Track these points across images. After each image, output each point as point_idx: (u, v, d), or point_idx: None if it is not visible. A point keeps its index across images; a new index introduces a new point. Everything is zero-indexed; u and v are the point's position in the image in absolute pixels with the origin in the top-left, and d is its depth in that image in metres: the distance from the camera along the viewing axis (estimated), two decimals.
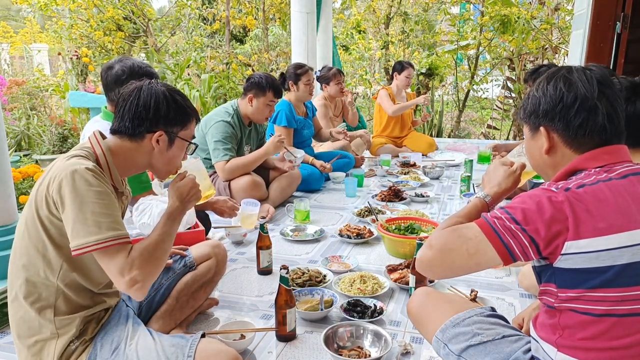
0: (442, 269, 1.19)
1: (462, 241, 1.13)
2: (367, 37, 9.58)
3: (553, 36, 7.77)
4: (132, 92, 1.42)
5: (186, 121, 1.48)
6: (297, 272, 2.25)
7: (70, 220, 1.24)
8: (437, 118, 7.43)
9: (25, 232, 1.32)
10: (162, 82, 1.50)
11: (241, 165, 3.19)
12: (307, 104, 4.07)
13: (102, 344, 1.36)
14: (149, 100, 1.40)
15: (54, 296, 1.32)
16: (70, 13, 8.47)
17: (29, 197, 1.34)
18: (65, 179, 1.24)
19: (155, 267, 1.33)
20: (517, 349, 1.19)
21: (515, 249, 1.06)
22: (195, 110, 1.52)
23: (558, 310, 1.08)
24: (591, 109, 1.12)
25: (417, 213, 3.07)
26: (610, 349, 1.02)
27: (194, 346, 1.35)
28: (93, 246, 1.23)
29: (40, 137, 5.22)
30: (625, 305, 1.01)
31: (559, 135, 1.16)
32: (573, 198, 1.04)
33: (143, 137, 1.42)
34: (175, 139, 1.46)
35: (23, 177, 3.17)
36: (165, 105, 1.42)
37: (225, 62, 7.55)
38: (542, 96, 1.18)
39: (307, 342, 1.78)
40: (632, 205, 1.04)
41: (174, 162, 1.51)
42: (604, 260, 1.01)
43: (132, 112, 1.40)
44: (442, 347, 1.29)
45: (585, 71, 1.16)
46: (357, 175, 3.94)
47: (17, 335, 1.36)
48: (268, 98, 3.22)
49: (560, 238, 1.02)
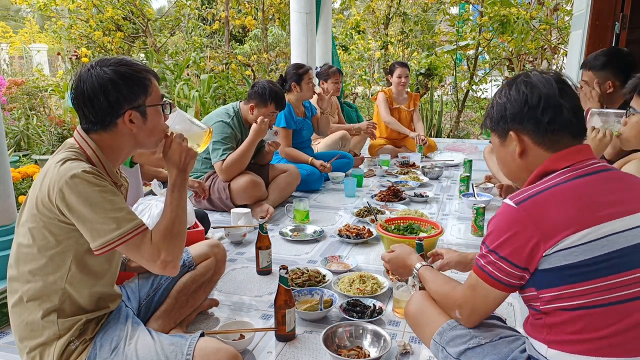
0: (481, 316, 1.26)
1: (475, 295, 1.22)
2: (367, 38, 9.57)
3: (552, 36, 7.77)
4: (77, 86, 1.33)
5: (146, 87, 1.37)
6: (297, 272, 2.25)
7: (86, 223, 1.24)
8: (437, 118, 7.44)
9: (29, 238, 1.31)
10: (103, 59, 1.36)
11: (236, 159, 3.15)
12: (306, 104, 4.07)
13: (101, 343, 1.36)
14: (95, 88, 1.30)
15: (60, 299, 1.32)
16: (70, 13, 8.48)
17: (28, 203, 1.33)
18: (66, 186, 1.23)
19: (180, 243, 1.37)
20: (514, 349, 1.20)
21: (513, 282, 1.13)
22: (148, 68, 1.41)
23: (544, 312, 1.11)
24: (556, 106, 1.16)
25: (417, 213, 3.07)
26: (598, 339, 1.05)
27: (193, 345, 1.35)
28: (117, 241, 1.25)
29: (39, 137, 5.21)
30: (604, 294, 1.04)
31: (530, 136, 1.19)
32: (531, 208, 1.09)
33: (115, 124, 1.34)
34: (146, 110, 1.37)
35: (22, 177, 3.17)
36: (114, 86, 1.31)
37: (225, 62, 7.55)
38: (506, 101, 1.22)
39: (306, 342, 1.78)
40: (596, 200, 1.08)
41: (158, 131, 1.42)
42: (577, 255, 1.04)
43: (86, 106, 1.33)
44: (440, 350, 1.30)
45: (542, 74, 1.21)
46: (356, 175, 3.94)
47: (19, 339, 1.36)
48: (269, 110, 3.20)
49: (539, 252, 1.07)
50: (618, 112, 2.01)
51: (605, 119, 2.04)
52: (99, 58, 1.38)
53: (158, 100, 1.41)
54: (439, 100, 7.99)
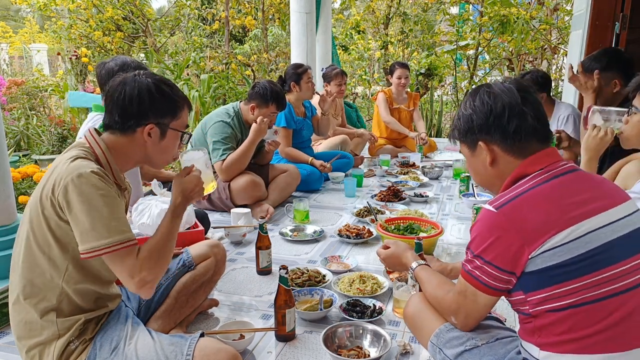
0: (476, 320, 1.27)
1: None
2: (367, 38, 9.57)
3: (552, 36, 7.78)
4: (118, 85, 1.39)
5: (176, 111, 1.44)
6: (297, 272, 2.25)
7: (79, 224, 1.24)
8: (437, 118, 7.44)
9: (30, 233, 1.31)
10: (149, 72, 1.46)
11: (236, 159, 3.15)
12: (306, 104, 4.07)
13: (101, 343, 1.36)
14: (133, 94, 1.36)
15: (58, 298, 1.32)
16: (70, 13, 8.48)
17: (32, 199, 1.34)
18: (71, 183, 1.24)
19: (162, 266, 1.35)
20: (510, 350, 1.21)
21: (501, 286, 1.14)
22: (186, 97, 1.48)
23: (533, 316, 1.12)
24: (520, 114, 1.19)
25: (417, 213, 3.07)
26: (588, 336, 1.05)
27: (193, 345, 1.35)
28: (103, 250, 1.24)
29: (39, 137, 5.21)
30: (590, 292, 1.05)
31: (499, 145, 1.23)
32: (510, 213, 1.11)
33: (134, 131, 1.39)
34: (168, 130, 1.43)
35: (22, 177, 3.17)
36: (150, 98, 1.37)
37: (225, 62, 7.55)
38: (472, 113, 1.25)
39: (306, 342, 1.78)
40: (571, 199, 1.10)
41: (169, 153, 1.48)
42: (561, 255, 1.05)
43: (118, 106, 1.37)
44: (438, 352, 1.30)
45: (503, 83, 1.25)
46: (356, 175, 3.94)
47: (17, 337, 1.36)
48: (270, 110, 3.20)
49: (523, 255, 1.08)
50: (620, 111, 2.01)
51: (607, 117, 2.04)
52: (148, 70, 1.47)
53: (181, 128, 1.47)
54: (439, 100, 7.99)
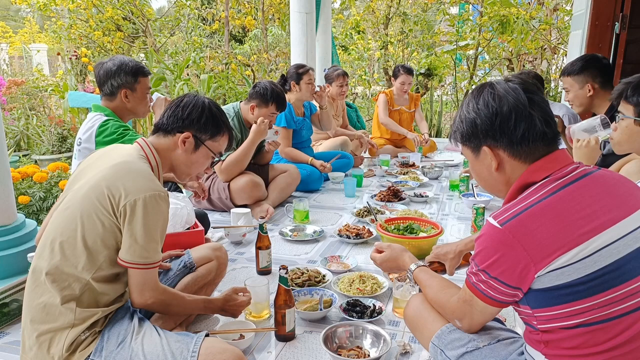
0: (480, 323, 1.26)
1: None
2: (366, 38, 9.58)
3: (552, 36, 7.78)
4: (182, 97, 1.59)
5: (216, 132, 1.58)
6: (296, 272, 2.25)
7: (132, 236, 1.33)
8: (436, 118, 7.44)
9: (78, 225, 1.33)
10: (208, 97, 1.65)
11: (234, 160, 3.15)
12: (305, 104, 4.07)
13: (109, 336, 1.37)
14: (188, 103, 1.56)
15: (81, 290, 1.35)
16: (70, 13, 8.47)
17: (82, 189, 1.37)
18: (141, 201, 1.32)
19: (167, 308, 1.50)
20: (512, 351, 1.20)
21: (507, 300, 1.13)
22: (230, 127, 1.64)
23: (541, 330, 1.10)
24: (528, 118, 1.11)
25: (416, 213, 3.08)
26: (597, 353, 1.04)
27: (199, 343, 1.37)
28: (140, 266, 1.36)
29: (39, 137, 5.21)
30: (602, 311, 1.02)
31: (505, 150, 1.15)
32: (516, 230, 1.05)
33: (174, 134, 1.54)
34: (201, 146, 1.56)
35: (22, 177, 3.16)
36: (200, 112, 1.55)
37: (225, 62, 7.56)
38: (476, 117, 1.16)
39: (306, 342, 1.78)
40: (580, 214, 1.04)
41: (195, 168, 1.61)
42: (570, 274, 1.02)
43: (171, 110, 1.56)
44: (439, 353, 1.29)
45: (507, 83, 1.16)
46: (356, 175, 3.94)
47: (30, 320, 1.35)
48: (270, 110, 3.20)
49: (530, 273, 1.05)
50: (591, 120, 2.06)
51: (586, 128, 2.09)
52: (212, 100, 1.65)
53: (215, 150, 1.61)
54: (439, 100, 7.99)
